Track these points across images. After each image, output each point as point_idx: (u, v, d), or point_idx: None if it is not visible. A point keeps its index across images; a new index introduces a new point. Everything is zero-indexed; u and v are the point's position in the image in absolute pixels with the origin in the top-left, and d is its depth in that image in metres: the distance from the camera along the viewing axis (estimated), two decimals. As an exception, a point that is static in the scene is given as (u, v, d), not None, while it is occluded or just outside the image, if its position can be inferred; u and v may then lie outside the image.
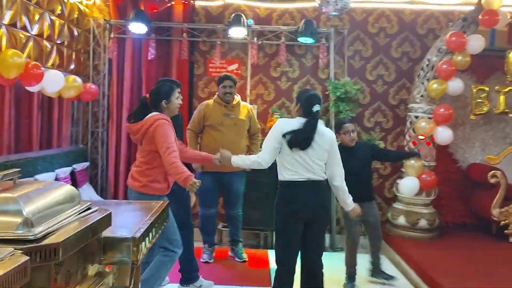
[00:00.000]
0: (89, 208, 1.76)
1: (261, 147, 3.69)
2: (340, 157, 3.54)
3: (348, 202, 3.65)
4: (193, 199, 4.48)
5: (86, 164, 5.73)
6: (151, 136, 3.36)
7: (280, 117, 5.73)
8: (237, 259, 5.13)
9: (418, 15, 5.99)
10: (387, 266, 5.25)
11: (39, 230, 1.37)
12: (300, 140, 3.32)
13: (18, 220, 1.35)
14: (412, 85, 5.76)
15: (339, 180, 3.54)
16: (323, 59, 5.82)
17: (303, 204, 3.39)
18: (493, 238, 5.56)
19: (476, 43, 5.18)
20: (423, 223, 5.46)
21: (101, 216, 1.69)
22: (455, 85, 5.30)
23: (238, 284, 4.49)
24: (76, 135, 5.88)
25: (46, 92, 4.71)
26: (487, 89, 5.73)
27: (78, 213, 1.66)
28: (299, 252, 3.56)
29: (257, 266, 5.00)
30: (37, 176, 4.51)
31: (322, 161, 3.43)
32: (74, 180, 5.28)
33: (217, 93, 4.95)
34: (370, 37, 6.03)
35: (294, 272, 3.52)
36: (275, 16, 6.00)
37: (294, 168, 3.38)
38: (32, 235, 1.33)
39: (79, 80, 5.06)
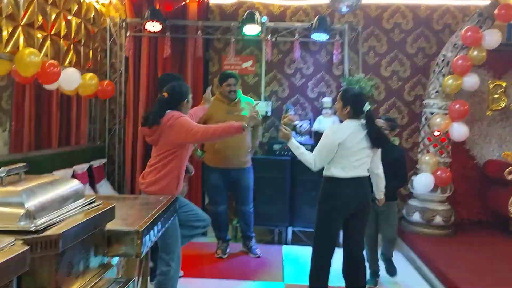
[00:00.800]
0: (93, 202, 1.82)
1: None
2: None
3: (383, 190, 3.83)
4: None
5: (104, 160, 5.84)
6: (167, 133, 3.33)
7: (294, 114, 5.77)
8: (251, 254, 5.18)
9: (433, 10, 5.93)
10: (401, 262, 5.25)
11: (40, 222, 1.43)
12: (378, 142, 3.51)
13: (21, 212, 1.41)
14: (428, 81, 5.72)
15: (380, 169, 3.74)
16: (337, 56, 5.81)
17: (349, 200, 3.51)
18: (510, 236, 5.49)
19: (492, 38, 5.11)
20: (438, 219, 5.42)
21: (103, 210, 1.75)
22: (471, 81, 5.24)
23: (251, 279, 4.54)
24: (94, 132, 5.99)
25: (64, 90, 4.82)
26: (504, 84, 5.68)
27: (82, 207, 1.72)
28: (343, 246, 3.70)
29: (271, 261, 5.04)
30: (54, 173, 4.61)
31: (369, 157, 3.56)
32: (91, 176, 5.39)
33: (219, 91, 4.99)
34: (385, 33, 5.99)
35: (330, 267, 3.63)
36: (289, 13, 6.01)
37: (342, 165, 3.47)
38: (34, 227, 1.39)
39: (95, 78, 5.16)
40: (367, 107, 3.48)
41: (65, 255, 1.50)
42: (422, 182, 5.38)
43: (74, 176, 4.97)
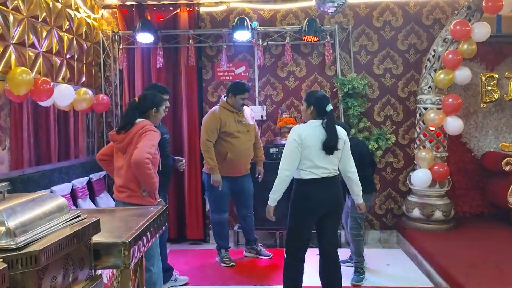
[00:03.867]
0: (78, 217, 1.86)
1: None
2: (350, 151, 3.72)
3: (360, 194, 3.81)
4: None
5: (103, 173, 5.88)
6: (137, 142, 3.27)
7: (289, 117, 5.81)
8: (262, 257, 5.26)
9: (422, 6, 5.94)
10: (402, 258, 5.27)
11: (21, 239, 1.47)
12: (328, 147, 3.50)
13: (1, 230, 1.45)
14: (420, 76, 5.73)
15: (353, 172, 3.73)
16: (329, 57, 5.84)
17: (320, 201, 3.56)
18: (511, 227, 5.48)
19: (481, 30, 5.12)
20: (438, 214, 5.43)
21: (87, 224, 1.78)
22: (463, 74, 5.25)
23: (254, 284, 4.58)
24: (92, 145, 6.04)
25: (58, 105, 4.88)
26: (496, 76, 5.67)
27: (65, 222, 1.76)
28: (318, 247, 3.78)
29: (273, 265, 5.08)
30: (53, 188, 4.67)
31: (337, 158, 3.62)
32: (91, 189, 5.44)
33: (226, 100, 4.93)
34: (375, 31, 6.02)
35: (303, 262, 3.74)
36: (279, 17, 6.05)
37: (311, 167, 3.53)
38: (14, 244, 1.43)
39: (90, 92, 5.21)
40: (329, 107, 3.56)
41: (47, 270, 1.54)
42: (420, 177, 5.40)
43: (73, 190, 5.03)
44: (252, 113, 5.28)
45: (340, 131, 3.64)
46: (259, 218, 5.33)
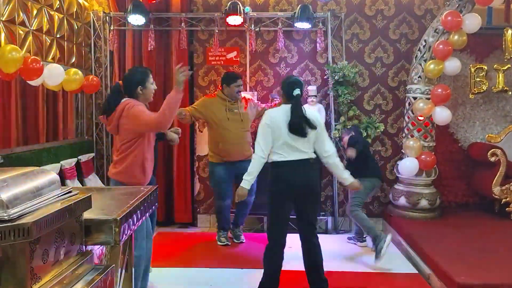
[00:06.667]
0: (69, 192, 1.87)
1: None
2: (327, 135, 3.79)
3: (345, 176, 3.82)
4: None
5: (92, 155, 5.87)
6: (124, 123, 3.33)
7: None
8: (235, 240, 5.30)
9: (415, -4, 5.97)
10: (388, 245, 5.33)
11: (14, 211, 1.48)
12: (295, 129, 3.54)
13: (-6, 202, 1.46)
14: (411, 66, 5.77)
15: (329, 156, 3.73)
16: (321, 44, 5.85)
17: (289, 183, 3.59)
18: (496, 217, 5.58)
19: (472, 22, 5.16)
20: (423, 203, 5.50)
21: (78, 199, 1.79)
22: (452, 65, 5.29)
23: (240, 267, 4.61)
24: (81, 127, 6.00)
25: (48, 85, 4.84)
26: (485, 67, 5.72)
27: (57, 197, 1.76)
28: (298, 230, 3.79)
29: (260, 249, 5.08)
30: (42, 167, 4.64)
31: (311, 141, 3.66)
32: (79, 170, 5.42)
33: (221, 90, 5.05)
34: (367, 19, 6.03)
35: (283, 247, 3.72)
36: (272, 3, 6.03)
37: (282, 150, 3.59)
38: (7, 216, 1.44)
39: (80, 73, 5.17)
40: (296, 91, 3.59)
41: (39, 243, 1.55)
42: (407, 166, 5.46)
43: (62, 170, 5.01)
44: (254, 102, 5.35)
45: (312, 114, 3.70)
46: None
